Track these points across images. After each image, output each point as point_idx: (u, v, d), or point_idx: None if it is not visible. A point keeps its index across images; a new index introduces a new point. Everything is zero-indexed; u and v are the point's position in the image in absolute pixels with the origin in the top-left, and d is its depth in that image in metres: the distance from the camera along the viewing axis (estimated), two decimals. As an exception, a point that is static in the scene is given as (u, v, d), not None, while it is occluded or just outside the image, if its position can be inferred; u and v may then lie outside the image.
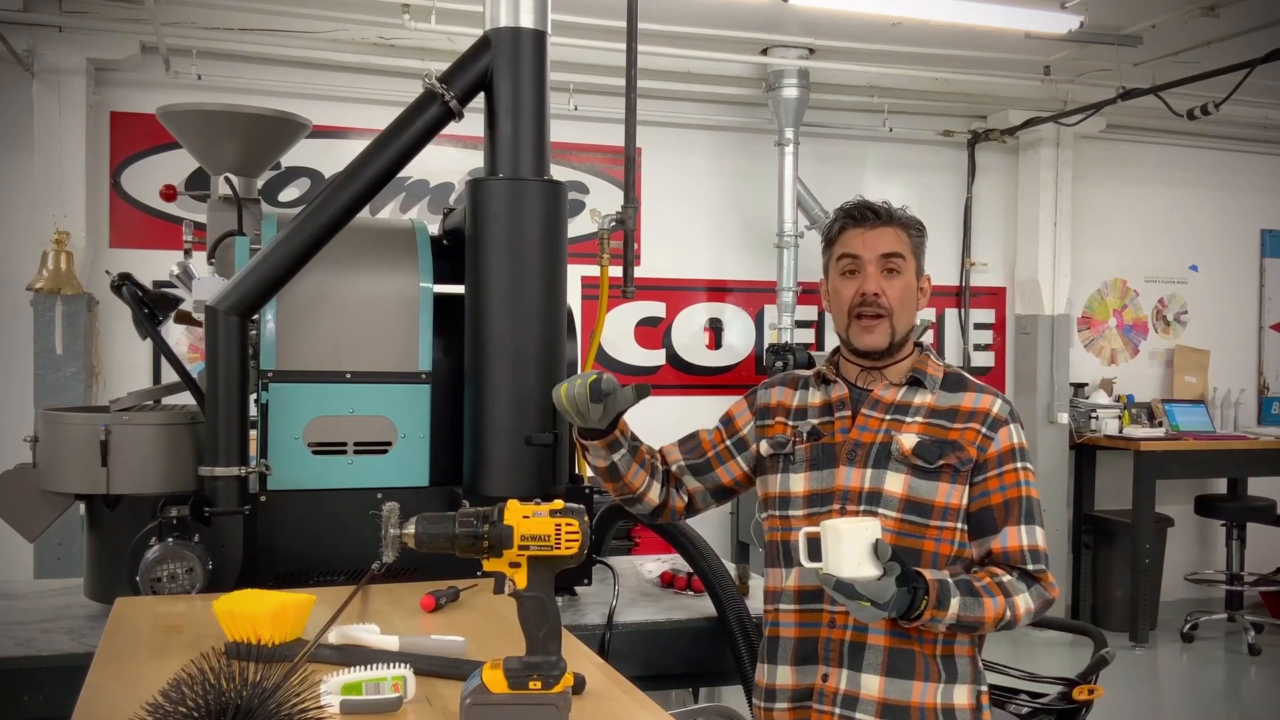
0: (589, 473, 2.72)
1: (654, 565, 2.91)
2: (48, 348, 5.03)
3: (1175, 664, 6.22)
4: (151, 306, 2.61)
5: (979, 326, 6.88)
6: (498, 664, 1.47)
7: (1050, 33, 5.24)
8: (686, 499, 2.23)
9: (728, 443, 2.19)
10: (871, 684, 1.93)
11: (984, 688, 2.01)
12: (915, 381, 2.02)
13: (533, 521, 1.47)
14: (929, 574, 1.83)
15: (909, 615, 1.80)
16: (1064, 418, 6.76)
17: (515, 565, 1.48)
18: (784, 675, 2.03)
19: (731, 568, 2.60)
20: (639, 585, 2.80)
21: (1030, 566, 1.92)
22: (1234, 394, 7.17)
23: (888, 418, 2.00)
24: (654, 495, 2.18)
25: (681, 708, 2.70)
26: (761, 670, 2.09)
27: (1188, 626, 6.49)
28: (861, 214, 2.06)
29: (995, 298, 6.95)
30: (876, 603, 1.73)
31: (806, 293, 6.17)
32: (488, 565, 1.50)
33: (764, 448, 2.11)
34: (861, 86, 6.26)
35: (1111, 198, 7.08)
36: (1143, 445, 6.39)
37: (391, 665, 1.55)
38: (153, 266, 4.62)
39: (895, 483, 1.94)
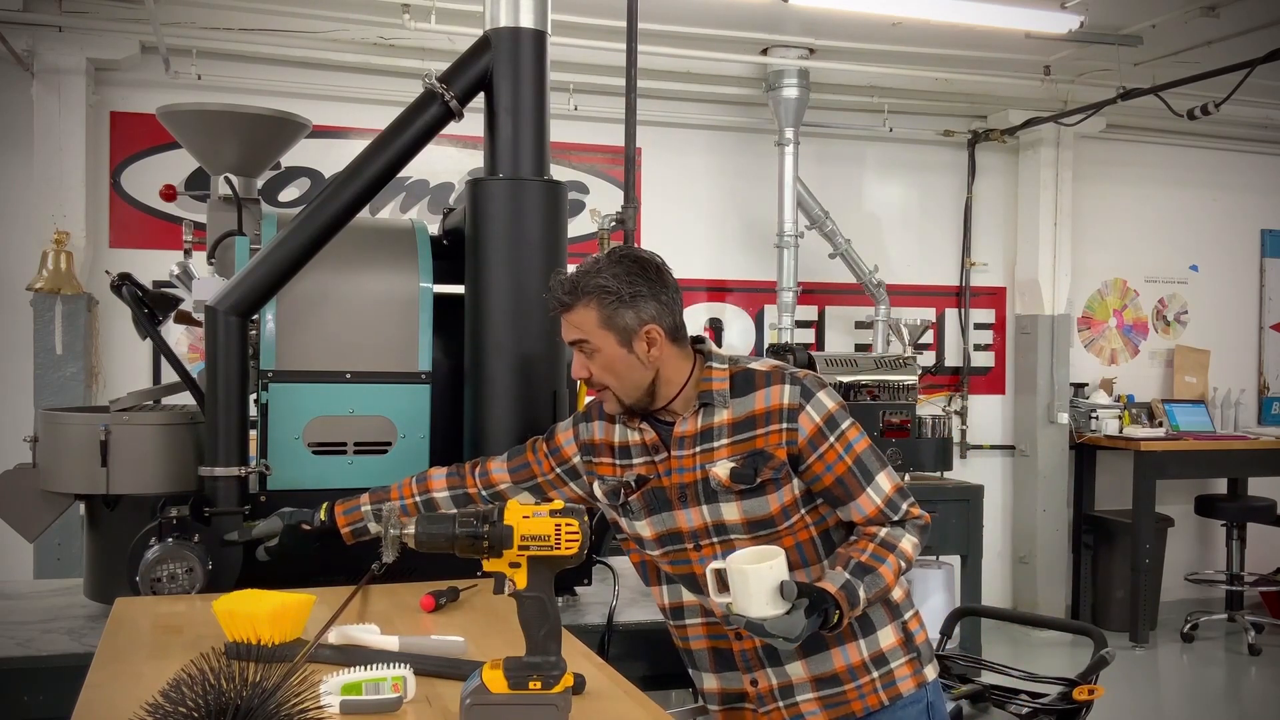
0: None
1: (654, 565, 2.90)
2: (47, 348, 5.03)
3: (1175, 664, 6.22)
4: (151, 306, 2.61)
5: (979, 326, 6.88)
6: (498, 664, 1.47)
7: (1050, 33, 5.24)
8: None
9: (558, 471, 2.16)
10: (797, 669, 1.98)
11: (908, 615, 2.04)
12: (707, 404, 1.97)
13: (533, 521, 1.47)
14: (831, 585, 1.81)
15: (826, 627, 1.80)
16: (1064, 418, 6.76)
17: (515, 565, 1.49)
18: (709, 681, 2.09)
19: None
20: (639, 585, 2.79)
21: (895, 517, 1.95)
22: (1234, 394, 7.17)
23: (698, 450, 1.96)
24: None
25: (681, 707, 2.70)
26: (692, 674, 2.13)
27: (1188, 626, 6.48)
28: (550, 300, 1.99)
29: (995, 298, 6.95)
30: (788, 638, 1.74)
31: (807, 293, 6.18)
32: (488, 565, 1.50)
33: (598, 489, 2.09)
34: (861, 86, 6.26)
35: (1111, 198, 7.07)
36: (1143, 445, 6.39)
37: (391, 665, 1.55)
38: (153, 266, 4.62)
39: (731, 511, 1.95)
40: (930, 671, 2.05)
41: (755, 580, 1.74)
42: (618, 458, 2.06)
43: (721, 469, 1.94)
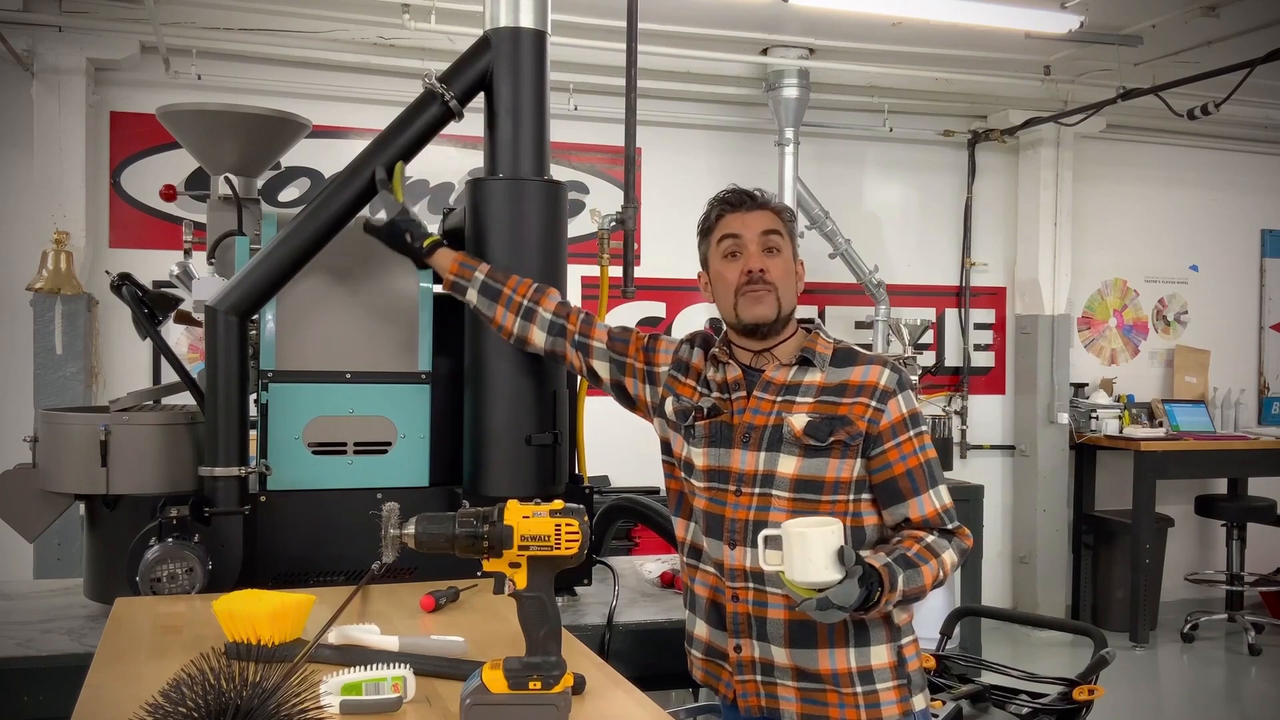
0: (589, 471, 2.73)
1: (654, 565, 2.91)
2: (47, 348, 5.03)
3: (1175, 664, 6.22)
4: (151, 306, 2.61)
5: (979, 326, 6.88)
6: (498, 664, 1.47)
7: (1050, 33, 5.24)
8: (588, 370, 2.28)
9: (644, 367, 2.22)
10: (781, 654, 1.97)
11: (906, 641, 2.02)
12: (805, 360, 2.04)
13: (533, 521, 1.47)
14: (874, 560, 1.83)
15: (864, 607, 1.79)
16: (1064, 418, 6.76)
17: (515, 565, 1.49)
18: (700, 629, 2.10)
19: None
20: (639, 585, 2.80)
21: (949, 525, 1.98)
22: (1234, 394, 7.17)
23: (779, 399, 2.02)
24: (537, 341, 2.29)
25: (681, 707, 2.70)
26: (687, 615, 2.15)
27: (1188, 626, 6.48)
28: (739, 199, 2.12)
29: (995, 298, 6.95)
30: (843, 606, 1.73)
31: (807, 293, 6.08)
32: (488, 565, 1.50)
33: (670, 406, 2.14)
34: (861, 86, 6.26)
35: (1111, 198, 7.08)
36: (1143, 445, 6.39)
37: (391, 665, 1.55)
38: (153, 266, 4.62)
39: (787, 464, 1.97)
40: (919, 700, 2.02)
41: (818, 544, 1.73)
42: (699, 384, 2.12)
43: (798, 420, 1.98)
